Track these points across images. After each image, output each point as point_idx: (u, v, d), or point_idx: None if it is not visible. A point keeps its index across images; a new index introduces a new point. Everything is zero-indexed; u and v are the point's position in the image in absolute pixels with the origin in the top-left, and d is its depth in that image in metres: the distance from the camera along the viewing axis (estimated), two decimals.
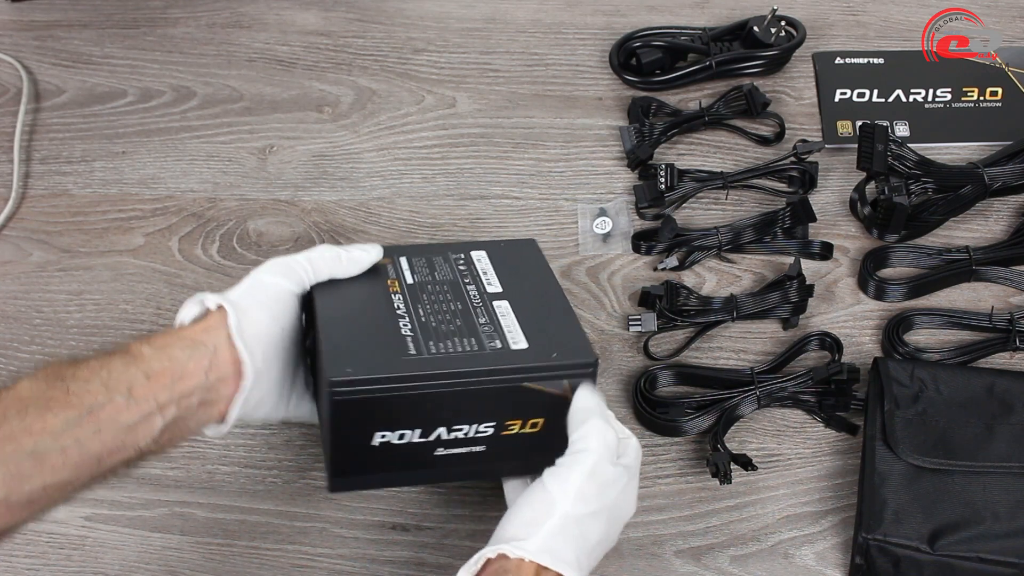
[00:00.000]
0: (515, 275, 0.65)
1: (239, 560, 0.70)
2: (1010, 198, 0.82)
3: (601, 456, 0.55)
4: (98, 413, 0.51)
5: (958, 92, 0.88)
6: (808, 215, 0.77)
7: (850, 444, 0.72)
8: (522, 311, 0.61)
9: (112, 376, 0.52)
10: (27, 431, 0.49)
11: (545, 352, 0.58)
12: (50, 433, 0.50)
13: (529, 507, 0.54)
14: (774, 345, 0.76)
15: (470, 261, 0.66)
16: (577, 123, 0.88)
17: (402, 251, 0.67)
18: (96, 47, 0.94)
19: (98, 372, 0.52)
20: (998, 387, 0.70)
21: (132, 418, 0.52)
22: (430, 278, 0.64)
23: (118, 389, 0.52)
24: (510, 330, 0.59)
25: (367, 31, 0.94)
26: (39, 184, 0.87)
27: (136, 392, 0.52)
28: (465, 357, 0.57)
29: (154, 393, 0.53)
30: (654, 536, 0.69)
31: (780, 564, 0.68)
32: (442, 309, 0.61)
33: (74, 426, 0.50)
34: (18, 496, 0.49)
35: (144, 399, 0.53)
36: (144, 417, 0.53)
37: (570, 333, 0.60)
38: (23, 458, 0.49)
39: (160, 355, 0.54)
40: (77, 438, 0.50)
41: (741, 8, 0.92)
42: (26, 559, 0.70)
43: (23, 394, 0.51)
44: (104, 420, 0.51)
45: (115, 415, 0.52)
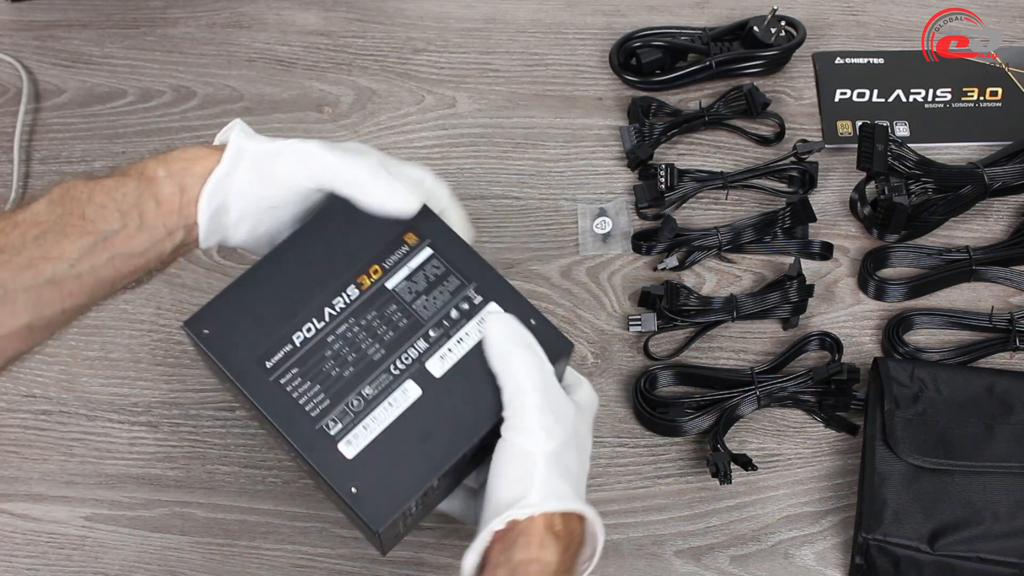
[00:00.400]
0: None
1: (239, 560, 0.70)
2: (1010, 198, 0.82)
3: (539, 386, 0.53)
4: (112, 240, 0.53)
5: (958, 92, 0.88)
6: (808, 215, 0.77)
7: (850, 444, 0.72)
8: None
9: (127, 200, 0.53)
10: (45, 258, 0.51)
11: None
12: (67, 260, 0.51)
13: (508, 466, 0.53)
14: (774, 345, 0.76)
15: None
16: (577, 123, 0.88)
17: (442, 235, 0.58)
18: (96, 47, 0.94)
19: (112, 195, 0.53)
20: (998, 387, 0.70)
21: (143, 244, 0.54)
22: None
23: (131, 215, 0.53)
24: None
25: (367, 31, 0.94)
26: (39, 184, 0.86)
27: (147, 218, 0.54)
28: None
29: (163, 219, 0.54)
30: (654, 536, 0.69)
31: (780, 564, 0.68)
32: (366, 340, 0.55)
33: (89, 253, 0.52)
34: (39, 321, 0.51)
35: (155, 226, 0.54)
36: (155, 242, 0.54)
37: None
38: (43, 285, 0.51)
39: (172, 181, 0.55)
40: (92, 265, 0.52)
41: (741, 8, 0.92)
42: (26, 559, 0.70)
43: (40, 218, 0.52)
44: (118, 247, 0.53)
45: (128, 241, 0.53)
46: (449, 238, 0.57)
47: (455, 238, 0.58)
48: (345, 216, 0.57)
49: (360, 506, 0.52)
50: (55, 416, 0.75)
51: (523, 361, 0.53)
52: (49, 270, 0.51)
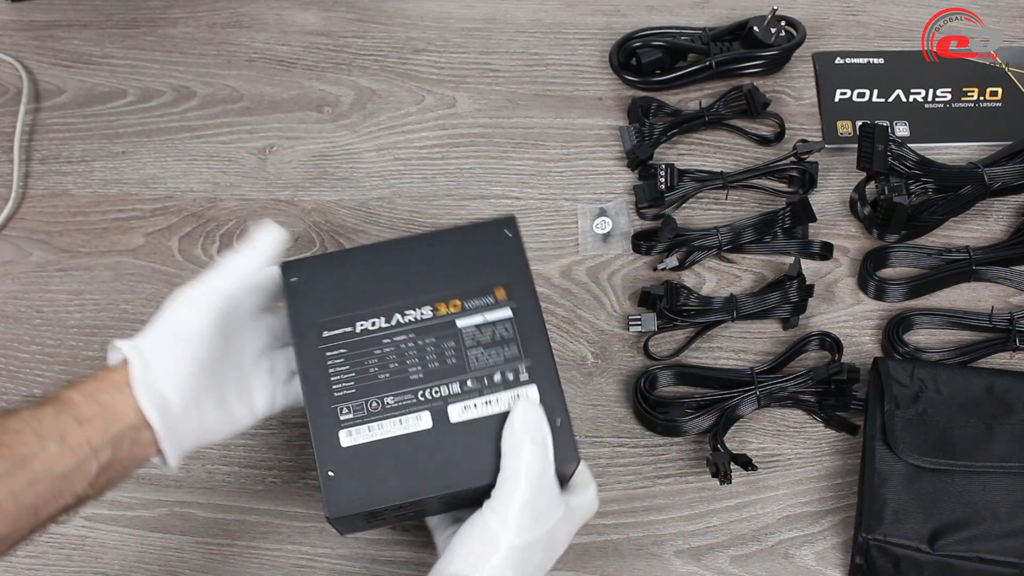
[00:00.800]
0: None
1: (239, 560, 0.70)
2: (1010, 198, 0.82)
3: (532, 484, 0.54)
4: (31, 463, 0.51)
5: (958, 92, 0.88)
6: (808, 215, 0.77)
7: (850, 444, 0.72)
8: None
9: (44, 424, 0.52)
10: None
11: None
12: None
13: (472, 541, 0.54)
14: (774, 345, 0.76)
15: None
16: (577, 123, 0.88)
17: (527, 306, 0.60)
18: (96, 47, 0.94)
19: (29, 422, 0.52)
20: (998, 387, 0.70)
21: (67, 465, 0.52)
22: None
23: (51, 437, 0.51)
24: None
25: (367, 31, 0.94)
26: (39, 184, 0.87)
27: (69, 438, 0.52)
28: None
29: (87, 438, 0.52)
30: (654, 536, 0.69)
31: (780, 564, 0.68)
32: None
33: (8, 478, 0.50)
34: None
35: (78, 445, 0.52)
36: (79, 463, 0.52)
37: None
38: None
39: (90, 400, 0.53)
40: (11, 490, 0.50)
41: (741, 8, 0.92)
42: (26, 559, 0.70)
43: None
44: (39, 470, 0.51)
45: (49, 464, 0.51)
46: (531, 310, 0.59)
47: (536, 314, 0.59)
48: (463, 244, 0.61)
49: (327, 489, 0.55)
50: None
51: (530, 456, 0.55)
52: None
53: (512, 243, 0.61)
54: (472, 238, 0.61)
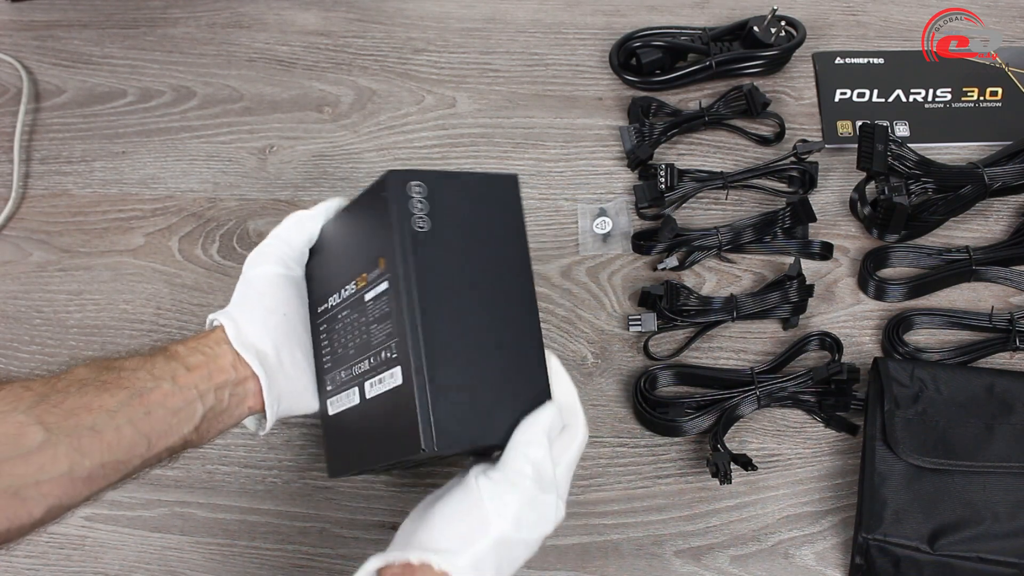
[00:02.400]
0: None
1: (239, 560, 0.70)
2: (1010, 198, 0.82)
3: (540, 486, 0.54)
4: (148, 396, 0.54)
5: (958, 92, 0.88)
6: (808, 215, 0.77)
7: (850, 444, 0.72)
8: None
9: (156, 367, 0.56)
10: (86, 407, 0.52)
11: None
12: (107, 411, 0.53)
13: (462, 518, 0.53)
14: (774, 345, 0.76)
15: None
16: (577, 123, 0.88)
17: (405, 272, 0.55)
18: (96, 47, 0.94)
19: (143, 364, 0.56)
20: (998, 387, 0.70)
21: (177, 403, 0.55)
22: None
23: (163, 377, 0.56)
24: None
25: (367, 31, 0.94)
26: (39, 184, 0.87)
27: (180, 380, 0.56)
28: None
29: (195, 382, 0.56)
30: (654, 536, 0.69)
31: (780, 564, 0.68)
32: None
33: (127, 406, 0.53)
34: (80, 471, 0.52)
35: (187, 387, 0.56)
36: (187, 403, 0.56)
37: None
38: (84, 432, 0.52)
39: (194, 352, 0.58)
40: (130, 418, 0.53)
41: (741, 8, 0.92)
42: (26, 559, 0.70)
43: (80, 376, 0.54)
44: (153, 403, 0.55)
45: (162, 399, 0.55)
46: (402, 277, 0.54)
47: (404, 281, 0.54)
48: (371, 208, 0.59)
49: (326, 453, 0.63)
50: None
51: (543, 458, 0.54)
52: (90, 419, 0.52)
53: (384, 203, 0.55)
54: (371, 201, 0.58)
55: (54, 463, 0.51)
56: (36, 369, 0.77)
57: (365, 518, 0.71)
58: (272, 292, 0.62)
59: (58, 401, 0.52)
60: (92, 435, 0.52)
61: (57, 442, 0.51)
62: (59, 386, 0.53)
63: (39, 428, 0.50)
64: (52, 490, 0.51)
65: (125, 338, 0.78)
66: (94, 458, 0.52)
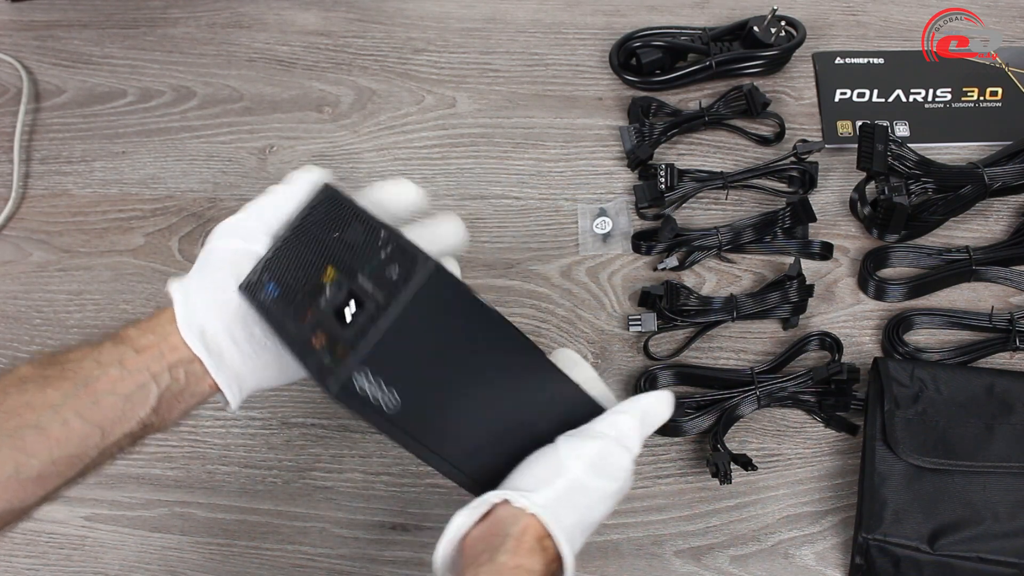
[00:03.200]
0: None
1: (239, 560, 0.70)
2: (1010, 198, 0.82)
3: (619, 446, 0.55)
4: (94, 385, 0.53)
5: (958, 92, 0.88)
6: (808, 215, 0.77)
7: (850, 444, 0.72)
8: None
9: (103, 354, 0.54)
10: (28, 406, 0.51)
11: None
12: (50, 406, 0.51)
13: (540, 466, 0.54)
14: (774, 345, 0.76)
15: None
16: (577, 123, 0.88)
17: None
18: (96, 47, 0.94)
19: (89, 353, 0.54)
20: (998, 387, 0.70)
21: (128, 387, 0.53)
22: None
23: (110, 363, 0.54)
24: None
25: (367, 31, 0.94)
26: (39, 184, 0.87)
27: (128, 364, 0.54)
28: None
29: (146, 364, 0.54)
30: (654, 536, 0.69)
31: (780, 564, 0.68)
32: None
33: (72, 398, 0.52)
34: (27, 471, 0.50)
35: (137, 370, 0.54)
36: (139, 386, 0.54)
37: None
38: (27, 431, 0.50)
39: (145, 332, 0.55)
40: (76, 410, 0.52)
41: (741, 8, 0.92)
42: (26, 559, 0.70)
43: (22, 374, 0.53)
44: (101, 391, 0.53)
45: (111, 386, 0.53)
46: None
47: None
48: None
49: None
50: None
51: (630, 423, 0.56)
52: (33, 417, 0.51)
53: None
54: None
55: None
56: None
57: (365, 518, 0.71)
58: (231, 267, 0.57)
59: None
60: (37, 433, 0.51)
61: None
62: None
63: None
64: (0, 495, 0.50)
65: None
66: (42, 456, 0.51)
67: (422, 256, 0.49)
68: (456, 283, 0.51)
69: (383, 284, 0.49)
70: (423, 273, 0.48)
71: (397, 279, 0.49)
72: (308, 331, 0.51)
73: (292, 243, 0.56)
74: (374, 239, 0.51)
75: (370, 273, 0.50)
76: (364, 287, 0.50)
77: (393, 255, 0.50)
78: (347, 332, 0.49)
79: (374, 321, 0.48)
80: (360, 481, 0.72)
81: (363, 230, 0.53)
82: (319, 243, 0.54)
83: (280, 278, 0.54)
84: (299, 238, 0.56)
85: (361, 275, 0.51)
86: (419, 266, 0.49)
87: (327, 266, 0.52)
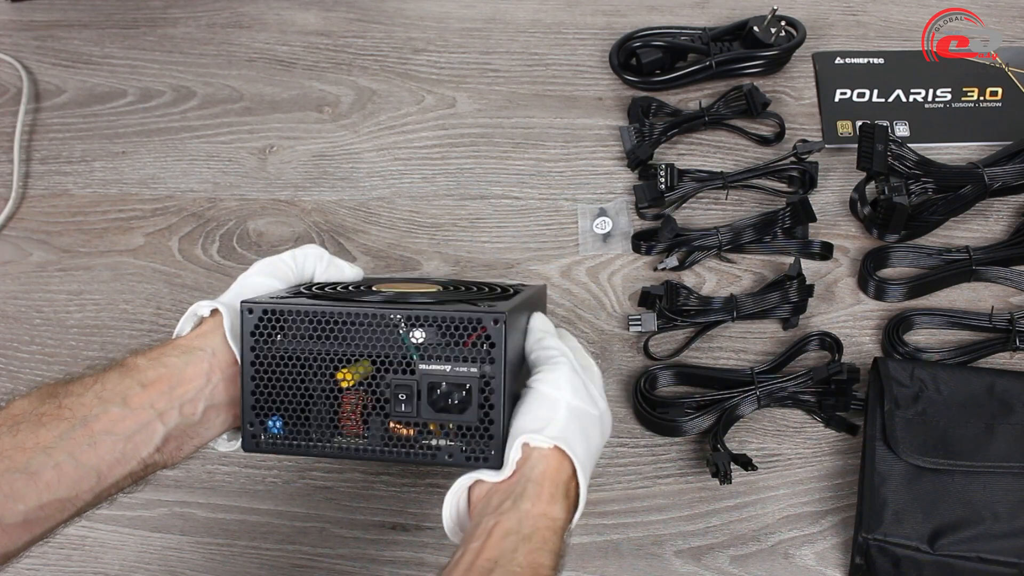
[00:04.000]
0: None
1: (239, 560, 0.70)
2: (1010, 198, 0.82)
3: (568, 359, 0.56)
4: (92, 424, 0.50)
5: (958, 92, 0.88)
6: (808, 215, 0.77)
7: (850, 444, 0.72)
8: None
9: (106, 388, 0.52)
10: (19, 447, 0.48)
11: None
12: (42, 448, 0.49)
13: (536, 409, 0.54)
14: (774, 345, 0.76)
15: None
16: (577, 123, 0.88)
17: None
18: (96, 47, 0.94)
19: (91, 386, 0.52)
20: (998, 387, 0.70)
21: (129, 427, 0.51)
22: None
23: (112, 400, 0.51)
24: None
25: (367, 31, 0.94)
26: (39, 184, 0.87)
27: (132, 401, 0.51)
28: None
29: (151, 400, 0.52)
30: (654, 536, 0.69)
31: (780, 564, 0.68)
32: None
33: (66, 439, 0.49)
34: (12, 517, 0.48)
35: (141, 407, 0.52)
36: (142, 426, 0.51)
37: None
38: (15, 476, 0.48)
39: (155, 364, 0.53)
40: (70, 452, 0.49)
41: (741, 8, 0.92)
42: (26, 559, 0.69)
43: (15, 412, 0.50)
44: (98, 431, 0.50)
45: (110, 425, 0.50)
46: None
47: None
48: None
49: None
50: None
51: (557, 344, 0.57)
52: (23, 460, 0.48)
53: None
54: None
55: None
56: (36, 369, 0.77)
57: (365, 518, 0.71)
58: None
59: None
60: (25, 478, 0.48)
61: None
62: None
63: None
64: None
65: (125, 338, 0.78)
66: (29, 501, 0.48)
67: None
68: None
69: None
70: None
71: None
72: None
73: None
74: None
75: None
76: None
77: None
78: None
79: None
80: (360, 481, 0.72)
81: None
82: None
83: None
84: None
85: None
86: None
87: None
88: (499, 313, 0.53)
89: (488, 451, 0.54)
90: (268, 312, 0.54)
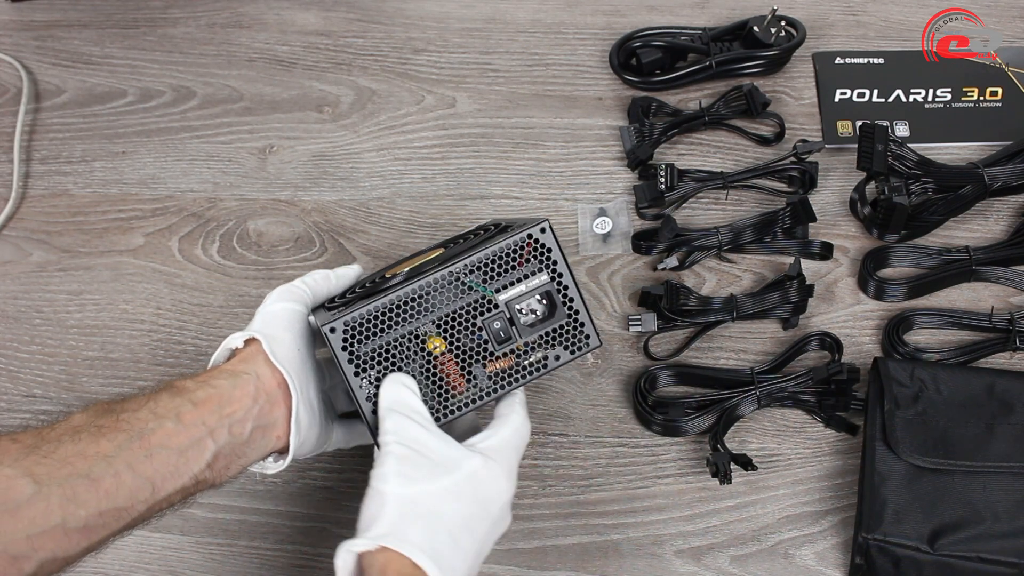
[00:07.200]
0: None
1: (239, 560, 0.70)
2: (1010, 198, 0.82)
3: (404, 441, 0.55)
4: (148, 438, 0.52)
5: (958, 92, 0.88)
6: (808, 215, 0.77)
7: (850, 444, 0.72)
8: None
9: (160, 405, 0.54)
10: (81, 455, 0.50)
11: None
12: (103, 457, 0.51)
13: (366, 504, 0.54)
14: (774, 345, 0.76)
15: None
16: (577, 123, 0.88)
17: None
18: (96, 47, 0.94)
19: (145, 404, 0.54)
20: (998, 387, 0.70)
21: (182, 442, 0.53)
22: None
23: (167, 416, 0.53)
24: None
25: (367, 31, 0.94)
26: (39, 184, 0.87)
27: (185, 417, 0.54)
28: None
29: (202, 418, 0.54)
30: (654, 536, 0.69)
31: (780, 564, 0.68)
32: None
33: (125, 450, 0.51)
34: (75, 521, 0.49)
35: (193, 424, 0.54)
36: (194, 442, 0.54)
37: None
38: (78, 481, 0.49)
39: (204, 386, 0.55)
40: (129, 462, 0.51)
41: (741, 8, 0.92)
42: None
43: (75, 423, 0.52)
44: (155, 444, 0.52)
45: (165, 439, 0.53)
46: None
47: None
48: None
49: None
50: (55, 416, 0.74)
51: (392, 423, 0.56)
52: (85, 466, 0.50)
53: None
54: None
55: (46, 516, 0.48)
56: (36, 369, 0.77)
57: None
58: (295, 326, 0.60)
59: (49, 451, 0.50)
60: (87, 483, 0.50)
61: (49, 493, 0.48)
62: (51, 435, 0.51)
63: (28, 480, 0.48)
64: (44, 543, 0.48)
65: (125, 338, 0.78)
66: (90, 507, 0.50)
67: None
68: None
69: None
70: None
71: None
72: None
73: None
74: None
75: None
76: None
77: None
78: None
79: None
80: (360, 481, 0.72)
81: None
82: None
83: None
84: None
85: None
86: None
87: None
88: (541, 220, 0.59)
89: (585, 339, 0.60)
90: (348, 324, 0.57)
